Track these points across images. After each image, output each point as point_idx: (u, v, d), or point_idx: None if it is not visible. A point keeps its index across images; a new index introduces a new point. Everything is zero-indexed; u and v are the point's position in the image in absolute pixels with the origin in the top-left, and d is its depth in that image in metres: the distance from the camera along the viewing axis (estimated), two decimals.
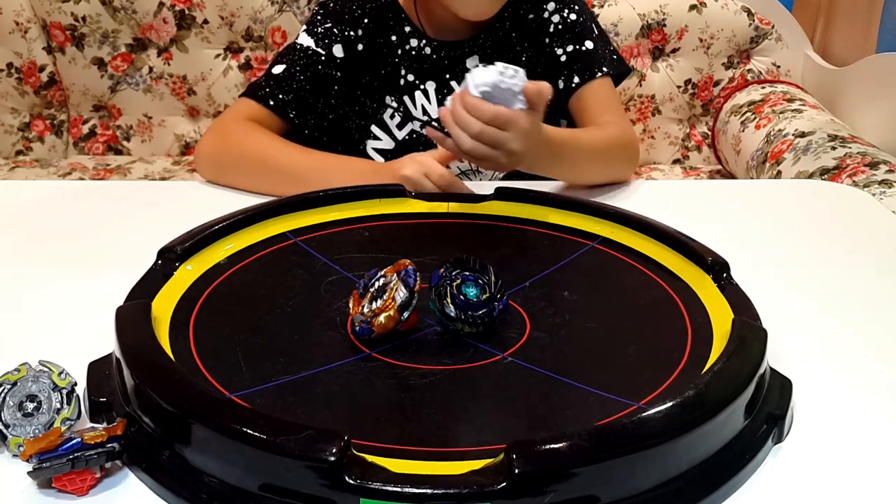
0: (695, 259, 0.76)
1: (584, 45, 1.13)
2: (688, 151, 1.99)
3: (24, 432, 0.55)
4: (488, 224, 0.87)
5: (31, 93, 1.87)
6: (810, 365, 0.68)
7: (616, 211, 0.84)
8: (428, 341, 0.66)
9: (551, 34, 1.14)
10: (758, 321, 0.66)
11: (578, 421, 0.57)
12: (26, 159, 1.89)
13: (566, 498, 0.49)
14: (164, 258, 0.74)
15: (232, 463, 0.51)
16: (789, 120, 1.65)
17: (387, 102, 1.14)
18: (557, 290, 0.74)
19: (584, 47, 1.13)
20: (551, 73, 1.14)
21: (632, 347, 0.66)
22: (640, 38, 1.89)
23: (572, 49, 1.13)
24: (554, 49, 1.14)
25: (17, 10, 1.82)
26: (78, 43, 1.84)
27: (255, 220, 0.82)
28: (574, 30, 1.14)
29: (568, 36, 1.14)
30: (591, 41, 1.14)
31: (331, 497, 0.49)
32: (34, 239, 0.89)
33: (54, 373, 0.57)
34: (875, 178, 1.30)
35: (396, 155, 1.11)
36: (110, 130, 1.92)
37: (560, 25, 1.14)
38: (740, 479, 0.55)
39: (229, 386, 0.59)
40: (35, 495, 0.53)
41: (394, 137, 1.14)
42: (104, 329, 0.63)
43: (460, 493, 0.48)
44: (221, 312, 0.69)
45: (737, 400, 0.56)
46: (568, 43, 1.13)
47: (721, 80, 1.93)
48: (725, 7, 1.88)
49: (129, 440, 0.55)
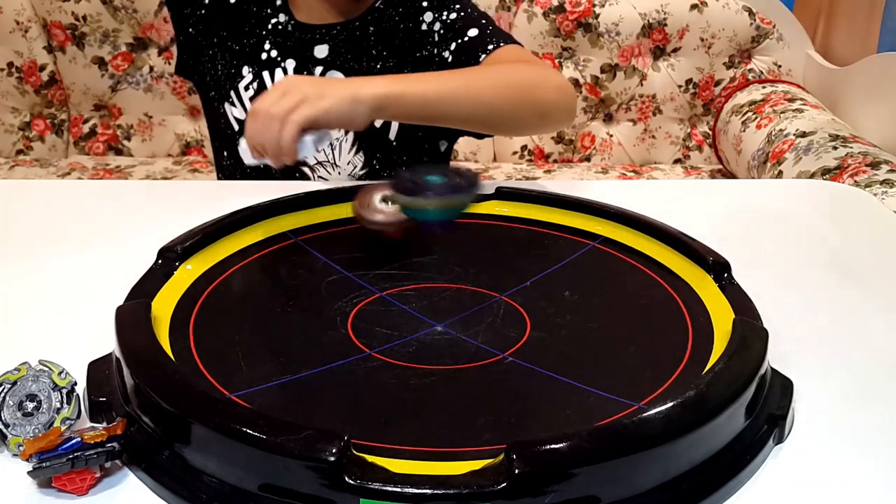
0: (696, 259, 0.76)
1: (466, 35, 1.04)
2: (689, 151, 1.99)
3: (24, 432, 0.55)
4: (489, 224, 0.87)
5: (31, 92, 1.87)
6: (811, 365, 0.68)
7: (617, 210, 0.84)
8: (428, 341, 0.66)
9: (437, 42, 1.07)
10: (759, 321, 0.66)
11: (579, 421, 0.57)
12: (26, 158, 1.89)
13: (566, 498, 0.49)
14: (164, 258, 0.73)
15: (232, 463, 0.51)
16: (790, 120, 1.65)
17: (243, 73, 1.10)
18: (558, 290, 0.73)
19: (467, 38, 1.04)
20: None
21: (632, 347, 0.66)
22: (641, 37, 1.89)
23: (456, 45, 1.05)
24: (441, 53, 1.06)
25: (18, 9, 1.82)
26: (78, 42, 1.84)
27: (255, 219, 0.82)
28: (455, 26, 1.06)
29: (450, 34, 1.06)
30: (476, 27, 1.04)
31: (331, 497, 0.48)
32: (34, 238, 0.89)
33: (54, 372, 0.56)
34: (876, 177, 1.30)
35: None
36: (111, 130, 1.92)
37: (441, 29, 1.07)
38: (741, 480, 0.55)
39: (229, 386, 0.59)
40: (35, 495, 0.53)
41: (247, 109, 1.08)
42: (104, 329, 0.63)
43: (460, 494, 0.48)
44: (221, 312, 0.69)
45: (738, 400, 0.56)
46: (451, 41, 1.05)
47: (722, 79, 1.93)
48: (727, 6, 1.88)
49: (128, 440, 0.54)
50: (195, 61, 1.14)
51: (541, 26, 1.87)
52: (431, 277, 0.74)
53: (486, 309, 0.70)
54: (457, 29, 1.06)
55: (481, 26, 1.05)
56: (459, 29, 1.05)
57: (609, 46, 1.89)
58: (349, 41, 1.09)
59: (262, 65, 1.10)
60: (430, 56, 1.07)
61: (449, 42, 1.05)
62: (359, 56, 1.09)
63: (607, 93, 1.93)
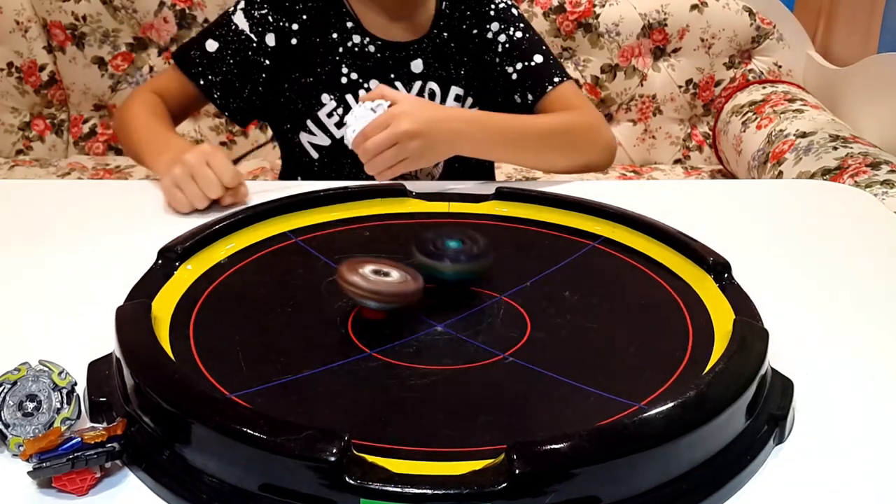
0: (696, 259, 0.76)
1: (532, 60, 1.14)
2: (689, 151, 1.99)
3: (24, 432, 0.55)
4: (489, 224, 0.87)
5: (31, 92, 1.87)
6: (812, 365, 0.68)
7: (617, 211, 0.84)
8: (428, 341, 0.66)
9: (500, 54, 1.15)
10: (759, 321, 0.66)
11: (579, 421, 0.57)
12: (26, 158, 1.89)
13: (567, 498, 0.49)
14: (164, 258, 0.73)
15: (232, 463, 0.51)
16: (790, 120, 1.65)
17: (323, 102, 1.12)
18: (558, 290, 0.73)
19: (533, 62, 1.14)
20: (506, 92, 1.15)
21: (632, 347, 0.66)
22: (641, 37, 1.89)
23: (522, 66, 1.14)
24: (505, 68, 1.15)
25: (18, 9, 1.82)
26: (78, 42, 1.84)
27: (255, 220, 0.82)
28: (521, 47, 1.15)
29: (516, 53, 1.15)
30: (541, 55, 1.15)
31: (331, 497, 0.48)
32: (34, 238, 0.89)
33: (54, 372, 0.56)
34: (877, 178, 1.30)
35: (333, 151, 1.12)
36: (111, 130, 1.92)
37: (507, 45, 1.15)
38: (741, 480, 0.55)
39: (229, 386, 0.59)
40: (35, 495, 0.53)
41: (331, 135, 1.12)
42: (104, 329, 0.63)
43: (460, 494, 0.48)
44: (221, 312, 0.69)
45: (738, 400, 0.56)
46: (517, 60, 1.14)
47: (722, 79, 1.93)
48: (727, 7, 1.88)
49: (129, 440, 0.54)
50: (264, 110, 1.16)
51: (541, 26, 1.87)
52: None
53: (486, 309, 0.70)
54: (523, 50, 1.15)
55: (544, 53, 1.16)
56: (525, 51, 1.15)
57: (609, 47, 1.89)
58: (436, 51, 1.15)
59: (343, 89, 1.12)
60: (493, 64, 1.16)
61: (514, 61, 1.15)
62: (446, 64, 1.15)
63: (607, 93, 1.93)
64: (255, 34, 1.11)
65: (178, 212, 0.94)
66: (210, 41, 1.12)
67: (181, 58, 1.13)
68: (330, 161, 1.14)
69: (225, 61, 1.11)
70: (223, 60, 1.11)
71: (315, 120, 1.12)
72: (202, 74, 1.11)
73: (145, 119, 1.09)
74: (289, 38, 1.11)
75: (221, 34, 1.12)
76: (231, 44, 1.11)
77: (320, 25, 1.12)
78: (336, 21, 1.12)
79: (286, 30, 1.11)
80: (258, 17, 1.11)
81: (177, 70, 1.13)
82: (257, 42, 1.11)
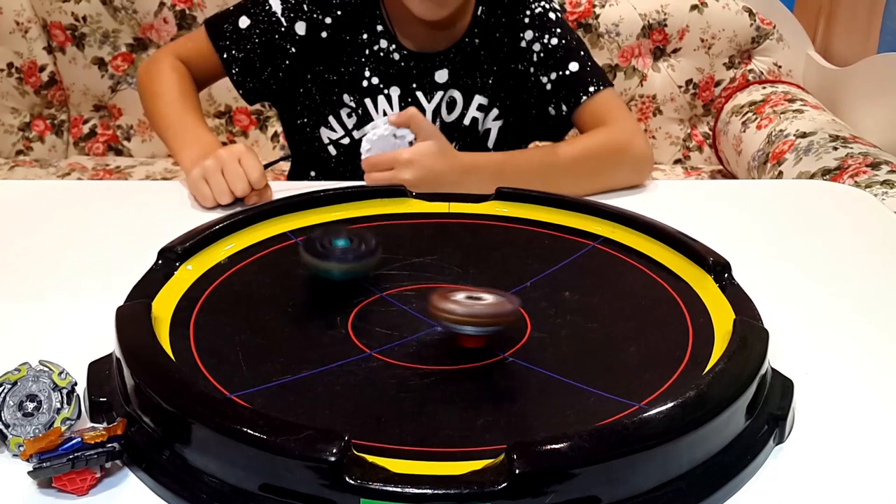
0: (696, 259, 0.75)
1: (567, 68, 1.11)
2: (689, 151, 1.99)
3: (24, 432, 0.55)
4: (489, 224, 0.87)
5: (31, 92, 1.87)
6: (812, 365, 0.68)
7: (617, 211, 0.84)
8: (428, 341, 0.65)
9: (535, 63, 1.12)
10: (759, 321, 0.66)
11: (579, 421, 0.57)
12: (26, 159, 1.89)
13: (567, 498, 0.49)
14: (164, 258, 0.73)
15: (232, 463, 0.51)
16: (790, 120, 1.65)
17: (345, 101, 1.11)
18: (558, 291, 0.73)
19: (567, 71, 1.10)
20: (540, 103, 1.13)
21: (633, 348, 0.66)
22: (641, 38, 1.89)
23: (556, 76, 1.11)
24: (539, 78, 1.12)
25: (18, 9, 1.82)
26: (78, 43, 1.84)
27: (255, 220, 0.82)
28: (556, 55, 1.11)
29: (551, 62, 1.11)
30: (577, 62, 1.11)
31: (331, 497, 0.48)
32: (34, 238, 0.89)
33: (54, 373, 0.56)
34: (877, 178, 1.30)
35: (351, 150, 1.11)
36: (111, 130, 1.92)
37: (542, 53, 1.11)
38: (741, 480, 0.55)
39: (229, 386, 0.59)
40: (35, 495, 0.53)
41: (350, 135, 1.12)
42: (104, 329, 0.63)
43: (460, 494, 0.48)
44: (221, 312, 0.69)
45: (738, 400, 0.56)
46: (552, 70, 1.11)
47: (722, 80, 1.93)
48: (727, 7, 1.88)
49: (129, 440, 0.54)
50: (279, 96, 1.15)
51: None
52: (431, 278, 0.74)
53: None
54: (557, 58, 1.11)
55: (581, 60, 1.11)
56: (560, 59, 1.11)
57: (609, 47, 1.89)
58: (464, 60, 1.13)
59: (363, 92, 1.12)
60: (527, 74, 1.12)
61: (549, 70, 1.11)
62: (472, 73, 1.13)
63: None
64: (286, 19, 1.10)
65: (201, 206, 0.94)
66: (244, 17, 1.11)
67: (213, 27, 1.13)
68: (346, 160, 1.14)
69: (251, 39, 1.10)
70: (249, 38, 1.11)
71: (337, 117, 1.12)
72: (227, 48, 1.11)
73: (176, 99, 1.09)
74: (320, 30, 1.11)
75: (255, 12, 1.11)
76: (260, 23, 1.10)
77: (352, 24, 1.12)
78: (368, 22, 1.12)
79: (318, 22, 1.11)
80: (293, 3, 1.11)
81: (206, 39, 1.13)
82: (286, 27, 1.10)
